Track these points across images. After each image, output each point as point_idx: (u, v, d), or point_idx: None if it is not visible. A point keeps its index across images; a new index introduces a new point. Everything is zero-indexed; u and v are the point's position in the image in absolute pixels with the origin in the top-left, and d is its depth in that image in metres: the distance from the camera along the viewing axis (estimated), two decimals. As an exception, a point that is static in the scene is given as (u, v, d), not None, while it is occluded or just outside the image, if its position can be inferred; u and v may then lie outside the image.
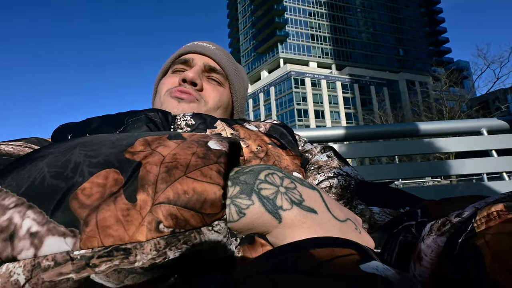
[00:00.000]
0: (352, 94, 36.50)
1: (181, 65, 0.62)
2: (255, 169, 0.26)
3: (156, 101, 0.60)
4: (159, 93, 0.60)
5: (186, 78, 0.57)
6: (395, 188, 0.42)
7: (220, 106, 0.61)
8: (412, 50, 45.19)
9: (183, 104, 0.55)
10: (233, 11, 50.59)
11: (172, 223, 0.20)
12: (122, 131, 0.42)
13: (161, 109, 0.49)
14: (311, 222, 0.25)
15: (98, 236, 0.19)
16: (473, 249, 0.18)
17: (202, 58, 0.62)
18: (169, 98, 0.56)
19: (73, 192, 0.20)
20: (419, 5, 46.84)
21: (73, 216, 0.19)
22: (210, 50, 0.63)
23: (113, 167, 0.22)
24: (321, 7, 41.49)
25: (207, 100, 0.58)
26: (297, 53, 39.87)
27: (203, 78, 0.60)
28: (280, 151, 0.47)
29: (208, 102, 0.58)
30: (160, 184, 0.21)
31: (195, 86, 0.58)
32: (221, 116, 0.61)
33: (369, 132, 1.11)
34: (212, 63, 0.62)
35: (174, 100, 0.55)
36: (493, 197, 0.23)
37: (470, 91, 20.27)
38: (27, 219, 0.19)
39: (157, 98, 0.60)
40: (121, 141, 0.25)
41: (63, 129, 0.46)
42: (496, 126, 1.12)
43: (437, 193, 1.00)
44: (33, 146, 0.36)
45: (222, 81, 0.63)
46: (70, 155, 0.23)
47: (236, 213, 0.23)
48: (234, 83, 0.65)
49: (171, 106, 0.54)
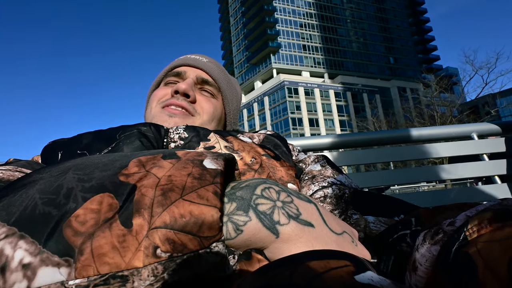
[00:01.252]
0: (345, 102, 36.99)
1: (173, 77, 0.62)
2: (251, 184, 0.26)
3: (148, 113, 0.60)
4: (150, 104, 0.59)
5: (179, 89, 0.56)
6: (389, 196, 0.42)
7: (214, 118, 0.61)
8: (402, 58, 46.26)
9: (175, 118, 0.54)
10: (226, 24, 51.47)
11: (169, 247, 0.20)
12: (114, 147, 0.41)
13: (153, 123, 0.48)
14: (308, 236, 0.24)
15: (94, 265, 0.19)
16: (466, 258, 0.18)
17: (194, 71, 0.62)
18: (161, 113, 0.55)
19: (67, 219, 0.20)
20: (407, 15, 48.28)
21: (67, 245, 0.19)
22: (203, 62, 0.63)
23: (107, 191, 0.21)
24: (311, 19, 42.46)
25: (201, 112, 0.58)
26: (290, 63, 40.48)
27: (196, 90, 0.60)
28: (274, 162, 0.46)
29: (202, 114, 0.58)
30: (156, 208, 0.21)
31: (187, 97, 0.57)
32: (214, 128, 0.61)
33: (363, 139, 1.12)
34: (204, 75, 0.62)
35: (165, 115, 0.54)
36: (483, 205, 0.23)
37: (460, 97, 20.69)
38: (19, 250, 0.19)
39: (148, 110, 0.59)
40: (115, 162, 0.25)
41: (53, 146, 0.45)
42: (486, 131, 1.14)
43: (433, 198, 1.01)
44: (23, 170, 0.34)
45: (215, 93, 0.63)
46: (63, 179, 0.23)
47: (234, 230, 0.23)
48: (226, 95, 0.65)
49: (162, 120, 0.54)
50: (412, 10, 49.03)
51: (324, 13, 43.21)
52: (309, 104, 35.21)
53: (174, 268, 0.20)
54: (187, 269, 0.20)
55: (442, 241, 0.22)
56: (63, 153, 0.42)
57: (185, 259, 0.20)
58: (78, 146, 0.42)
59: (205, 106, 0.59)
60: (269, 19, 40.61)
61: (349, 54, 43.39)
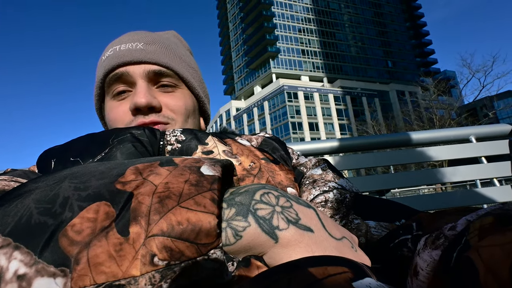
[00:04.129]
0: (345, 105, 37.10)
1: (116, 84, 0.51)
2: (250, 189, 0.26)
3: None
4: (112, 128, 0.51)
5: (139, 106, 0.48)
6: (390, 201, 0.42)
7: (189, 113, 0.54)
8: (400, 61, 46.57)
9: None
10: (225, 29, 51.83)
11: (166, 255, 0.19)
12: (107, 152, 0.40)
13: (148, 127, 0.46)
14: (307, 241, 0.24)
15: (90, 274, 0.18)
16: (467, 262, 0.18)
17: (139, 68, 0.50)
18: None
19: (63, 228, 0.20)
20: (404, 20, 48.73)
21: (63, 255, 0.19)
22: (143, 52, 0.51)
23: (103, 200, 0.21)
24: (310, 24, 42.82)
25: (173, 116, 0.51)
26: (289, 68, 40.72)
27: (154, 91, 0.51)
28: (273, 166, 0.46)
29: (176, 117, 0.51)
30: (153, 216, 0.20)
31: (152, 110, 0.49)
32: (192, 123, 0.55)
33: (363, 143, 1.12)
34: (154, 67, 0.51)
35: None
36: (484, 209, 0.23)
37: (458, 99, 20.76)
38: (14, 260, 0.18)
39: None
40: (112, 170, 0.24)
41: (46, 155, 0.43)
42: (484, 133, 1.15)
43: (433, 201, 1.01)
44: (19, 180, 0.34)
45: (175, 82, 0.53)
46: (59, 188, 0.22)
47: (233, 236, 0.23)
48: (188, 77, 0.55)
49: None
50: (409, 15, 49.50)
51: (323, 18, 43.59)
52: (309, 108, 35.31)
53: (171, 276, 0.19)
54: (185, 276, 0.20)
55: (443, 245, 0.22)
56: (56, 161, 0.41)
57: (183, 267, 0.20)
58: (70, 153, 0.41)
59: (174, 107, 0.51)
60: (268, 25, 40.95)
61: (348, 58, 43.66)
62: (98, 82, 0.53)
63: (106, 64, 0.51)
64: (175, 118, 0.51)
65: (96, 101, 0.56)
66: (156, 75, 0.51)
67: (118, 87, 0.51)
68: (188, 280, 0.20)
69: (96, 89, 0.54)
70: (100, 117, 0.59)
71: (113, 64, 0.50)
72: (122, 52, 0.51)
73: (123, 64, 0.50)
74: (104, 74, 0.51)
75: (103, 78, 0.52)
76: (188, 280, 0.20)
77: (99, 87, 0.53)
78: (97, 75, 0.53)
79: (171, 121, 0.51)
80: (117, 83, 0.51)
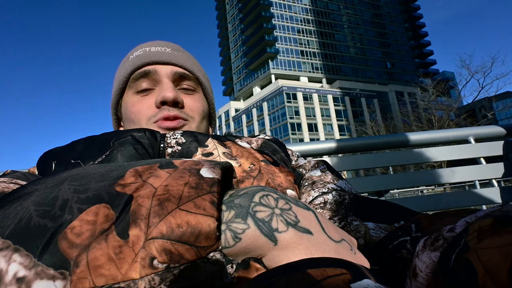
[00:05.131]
0: (344, 106, 37.16)
1: (142, 80, 0.54)
2: (250, 192, 0.26)
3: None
4: (133, 121, 0.54)
5: (167, 100, 0.51)
6: (389, 202, 0.42)
7: (204, 116, 0.58)
8: (399, 62, 46.71)
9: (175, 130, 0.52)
10: (224, 30, 51.91)
11: (166, 258, 0.19)
12: (108, 155, 0.40)
13: (148, 129, 0.47)
14: (306, 243, 0.24)
15: (90, 277, 0.18)
16: (466, 264, 0.18)
17: (166, 68, 0.55)
18: (158, 130, 0.51)
19: (62, 231, 0.20)
20: (403, 21, 48.89)
21: (63, 257, 0.19)
22: (171, 55, 0.56)
23: (103, 202, 0.21)
24: (309, 25, 42.92)
25: (193, 115, 0.55)
26: (288, 68, 40.77)
27: (178, 92, 0.55)
28: (273, 168, 0.46)
29: (194, 117, 0.55)
30: (153, 218, 0.20)
31: (176, 105, 0.53)
32: (205, 125, 0.59)
33: (362, 144, 1.13)
34: (180, 70, 0.56)
35: (165, 130, 0.51)
36: (483, 211, 0.23)
37: (457, 101, 20.82)
38: (13, 263, 0.18)
39: (132, 127, 0.54)
40: (111, 173, 0.25)
41: (47, 156, 0.44)
42: (483, 134, 1.15)
43: (432, 202, 1.01)
44: (19, 182, 0.34)
45: (195, 86, 0.58)
46: (58, 191, 0.22)
47: (232, 238, 0.23)
48: (205, 84, 0.60)
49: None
50: (408, 16, 49.68)
51: (322, 19, 43.69)
52: (308, 109, 35.35)
53: (171, 279, 0.19)
54: (185, 279, 0.20)
55: (442, 247, 0.22)
56: (57, 162, 0.41)
57: (183, 270, 0.20)
58: (71, 155, 0.41)
59: (194, 107, 0.56)
60: (267, 25, 41.02)
61: (347, 59, 43.76)
62: (123, 77, 0.56)
63: (135, 60, 0.55)
64: (193, 117, 0.55)
65: (116, 95, 0.58)
66: (180, 77, 0.56)
67: (142, 83, 0.54)
68: (187, 282, 0.20)
69: (118, 84, 0.57)
70: (114, 112, 0.61)
71: (143, 62, 0.55)
72: (152, 53, 0.56)
73: (152, 63, 0.55)
74: (132, 69, 0.55)
75: (130, 72, 0.55)
76: (188, 283, 0.20)
77: (123, 81, 0.56)
78: (123, 70, 0.57)
79: (190, 119, 0.55)
80: (142, 79, 0.54)
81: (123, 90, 0.57)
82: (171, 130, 0.51)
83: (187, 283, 0.20)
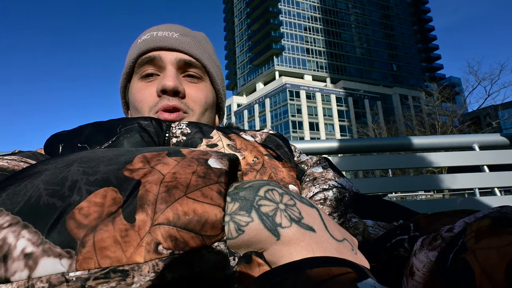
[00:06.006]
0: (346, 107, 37.02)
1: (148, 66, 0.53)
2: (255, 185, 0.26)
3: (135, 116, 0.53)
4: (136, 108, 0.53)
5: (167, 89, 0.50)
6: (389, 201, 0.42)
7: (207, 107, 0.56)
8: (405, 65, 46.37)
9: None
10: (230, 24, 51.56)
11: (171, 244, 0.20)
12: (114, 140, 0.40)
13: (154, 118, 0.47)
14: (309, 240, 0.24)
15: (95, 257, 0.19)
16: (463, 264, 0.18)
17: (171, 54, 0.53)
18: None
19: (70, 211, 0.20)
20: (412, 23, 48.42)
21: (70, 237, 0.19)
22: (177, 41, 0.54)
23: (111, 185, 0.21)
24: (316, 22, 42.57)
25: (193, 107, 0.53)
26: (293, 66, 40.57)
27: (181, 80, 0.54)
28: (276, 163, 0.46)
29: (195, 109, 0.53)
30: (160, 204, 0.21)
31: (177, 94, 0.52)
32: (207, 117, 0.57)
33: (363, 145, 1.12)
34: (185, 57, 0.54)
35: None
36: (482, 212, 0.23)
37: (462, 107, 20.73)
38: (21, 239, 0.19)
39: (137, 114, 0.54)
40: (120, 157, 0.25)
41: (54, 139, 0.44)
42: (488, 142, 1.14)
43: (430, 207, 1.01)
44: (28, 161, 0.34)
45: (201, 75, 0.56)
46: (68, 171, 0.23)
47: (235, 230, 0.23)
48: (213, 72, 0.58)
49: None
50: (417, 18, 49.18)
51: (329, 18, 43.33)
52: (310, 108, 35.25)
53: (174, 265, 0.20)
54: (188, 267, 0.20)
55: (440, 247, 0.22)
56: (64, 145, 0.42)
57: (186, 257, 0.20)
58: (78, 139, 0.42)
59: (196, 98, 0.54)
60: (274, 21, 40.71)
61: (352, 60, 43.48)
62: (130, 62, 0.55)
63: (141, 46, 0.54)
64: (194, 109, 0.54)
65: (124, 79, 0.58)
66: (186, 65, 0.54)
67: (147, 69, 0.53)
68: (190, 271, 0.20)
69: (126, 68, 0.57)
70: (122, 96, 0.61)
71: (148, 47, 0.53)
72: (158, 38, 0.54)
73: (157, 48, 0.53)
74: (138, 54, 0.54)
75: (136, 58, 0.54)
76: (191, 271, 0.20)
77: (130, 66, 0.55)
78: (130, 55, 0.56)
79: (190, 112, 0.53)
80: (147, 65, 0.53)
81: (131, 75, 0.57)
82: (170, 122, 0.51)
83: (190, 271, 0.20)
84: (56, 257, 0.18)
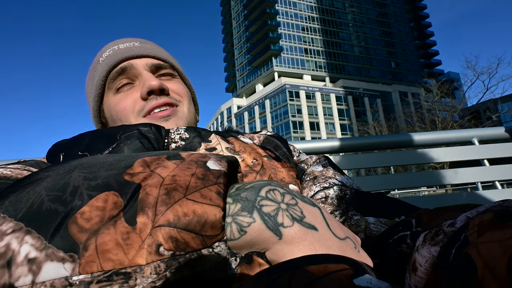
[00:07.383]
0: (346, 105, 37.01)
1: (120, 77, 0.54)
2: (256, 186, 0.26)
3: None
4: (120, 119, 0.53)
5: (153, 88, 0.51)
6: (390, 197, 0.42)
7: (189, 98, 0.59)
8: (404, 62, 46.37)
9: (171, 118, 0.52)
10: (228, 26, 51.70)
11: (172, 246, 0.20)
12: (115, 147, 0.41)
13: (154, 124, 0.47)
14: (311, 239, 0.25)
15: (98, 261, 0.19)
16: (466, 259, 0.18)
17: (140, 61, 0.55)
18: (151, 121, 0.51)
19: (72, 216, 0.20)
20: (409, 20, 48.46)
21: (72, 241, 0.19)
22: (142, 48, 0.56)
23: (112, 190, 0.22)
24: (313, 22, 42.64)
25: (180, 98, 0.56)
26: (291, 66, 40.62)
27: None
28: (275, 163, 0.46)
29: (182, 99, 0.56)
30: (160, 207, 0.21)
31: (163, 92, 0.53)
32: (193, 108, 0.60)
33: (364, 143, 1.12)
34: (154, 61, 0.56)
35: (159, 121, 0.51)
36: (484, 206, 0.23)
37: (461, 102, 20.69)
38: (25, 244, 0.19)
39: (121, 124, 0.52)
40: (120, 162, 0.25)
41: (55, 148, 0.45)
42: (487, 136, 1.14)
43: (433, 203, 1.01)
44: (31, 169, 0.35)
45: (172, 73, 0.59)
46: (69, 178, 0.23)
47: (238, 231, 0.23)
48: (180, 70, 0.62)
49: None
50: (414, 15, 49.22)
51: (326, 17, 43.40)
52: (310, 108, 35.25)
53: (176, 266, 0.20)
54: (189, 267, 0.20)
55: (442, 242, 0.22)
56: (65, 154, 0.42)
57: (188, 258, 0.20)
58: (78, 147, 0.42)
59: (179, 90, 0.56)
60: (271, 22, 40.80)
61: (351, 58, 43.51)
62: (99, 81, 0.55)
63: (108, 61, 0.55)
64: (181, 100, 0.56)
65: (96, 102, 0.57)
66: (156, 68, 0.57)
67: (121, 80, 0.54)
68: (192, 271, 0.20)
69: (95, 90, 0.56)
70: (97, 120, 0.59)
71: (116, 60, 0.54)
72: (123, 50, 0.55)
73: (126, 59, 0.55)
74: (107, 70, 0.54)
75: (106, 74, 0.54)
76: (192, 271, 0.20)
77: (100, 85, 0.55)
78: (97, 75, 0.55)
79: (179, 103, 0.55)
80: (120, 76, 0.54)
81: (102, 95, 0.56)
82: (166, 118, 0.52)
83: (191, 272, 0.20)
84: (59, 262, 0.19)
